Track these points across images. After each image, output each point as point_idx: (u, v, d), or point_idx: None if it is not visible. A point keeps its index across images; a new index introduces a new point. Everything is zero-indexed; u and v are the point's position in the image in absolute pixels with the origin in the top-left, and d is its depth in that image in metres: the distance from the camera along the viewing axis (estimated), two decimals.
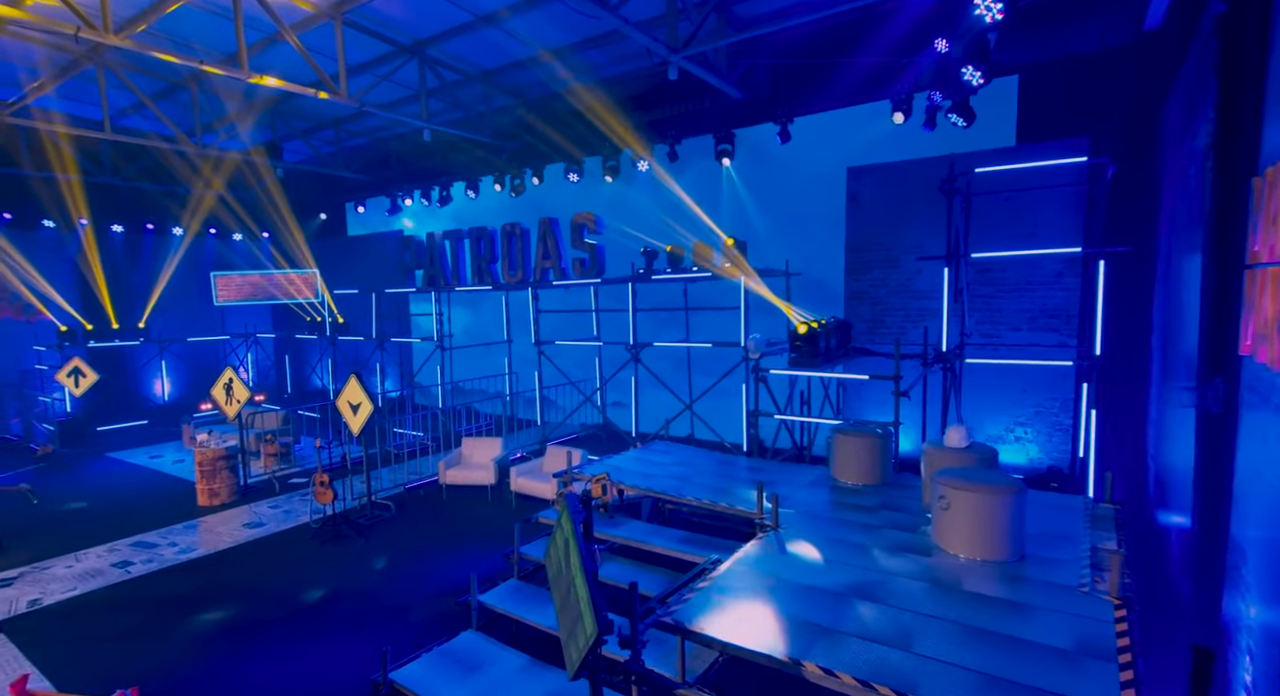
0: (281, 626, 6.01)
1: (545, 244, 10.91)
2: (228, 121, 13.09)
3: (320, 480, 8.09)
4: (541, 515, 5.94)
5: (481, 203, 13.59)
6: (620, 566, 5.56)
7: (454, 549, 7.69)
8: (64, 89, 11.63)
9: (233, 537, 8.19)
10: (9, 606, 6.49)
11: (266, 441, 11.03)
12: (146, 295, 15.76)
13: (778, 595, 3.87)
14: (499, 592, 5.54)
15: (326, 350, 15.87)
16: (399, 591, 6.66)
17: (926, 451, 5.14)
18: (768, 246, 9.99)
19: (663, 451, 7.21)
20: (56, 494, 10.26)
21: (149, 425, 15.18)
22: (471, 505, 9.14)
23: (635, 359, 9.99)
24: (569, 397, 12.16)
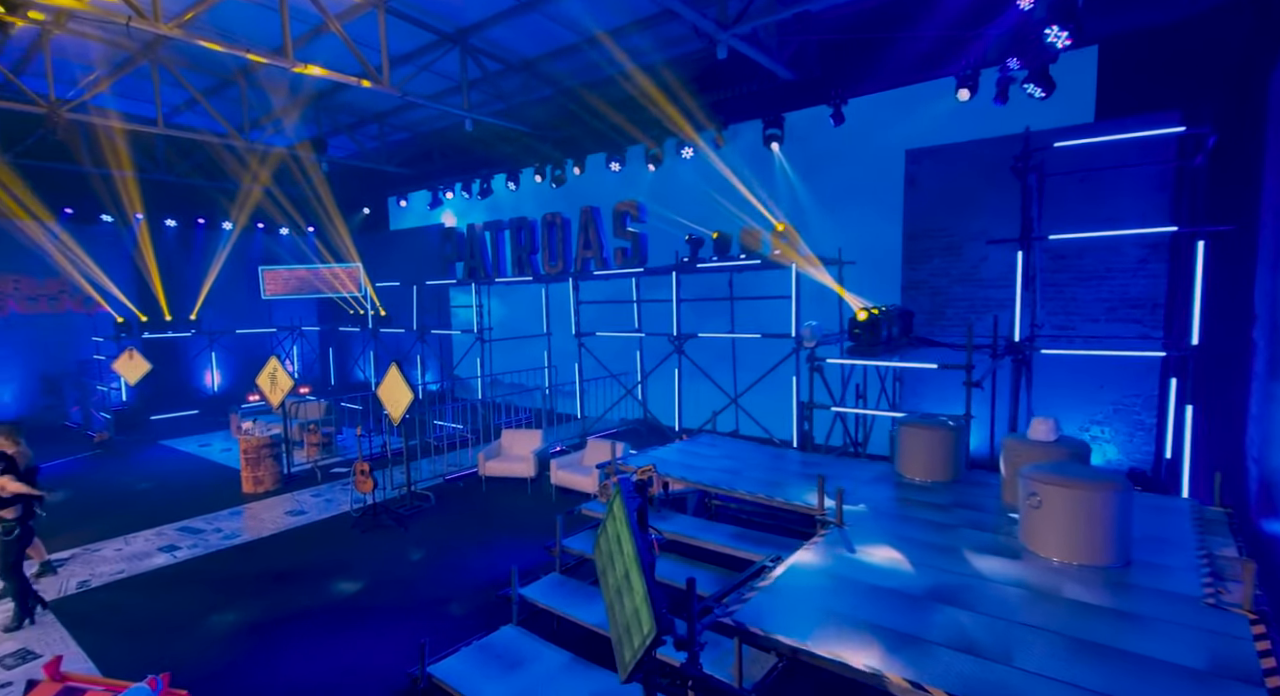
0: (320, 615, 5.89)
1: (586, 233, 10.68)
2: (274, 116, 13.25)
3: (361, 469, 8.00)
4: (584, 507, 5.67)
5: (522, 194, 13.46)
6: (668, 562, 5.24)
7: (493, 541, 7.50)
8: (120, 87, 11.94)
9: (275, 524, 8.18)
10: (60, 586, 6.55)
11: (309, 431, 11.09)
12: (197, 288, 16.15)
13: (848, 597, 3.50)
14: (540, 586, 5.29)
15: (368, 343, 15.99)
16: (438, 582, 6.49)
17: (1008, 445, 4.68)
18: (819, 234, 9.55)
19: (709, 444, 6.88)
20: (110, 479, 10.49)
21: (199, 415, 15.53)
22: (511, 497, 8.95)
23: (679, 351, 9.67)
24: (609, 391, 11.92)
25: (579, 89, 11.96)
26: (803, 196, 9.85)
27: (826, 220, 9.74)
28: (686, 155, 11.01)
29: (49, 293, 14.54)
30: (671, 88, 10.68)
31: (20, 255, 13.91)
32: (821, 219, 9.73)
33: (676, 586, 4.73)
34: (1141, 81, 7.33)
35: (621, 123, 11.74)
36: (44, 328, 14.46)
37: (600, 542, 3.21)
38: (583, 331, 11.09)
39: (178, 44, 10.56)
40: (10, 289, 14.03)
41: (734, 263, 8.83)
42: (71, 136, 13.47)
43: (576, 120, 12.30)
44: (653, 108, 11.25)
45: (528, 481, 9.20)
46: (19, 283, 14.15)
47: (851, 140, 9.52)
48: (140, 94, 12.28)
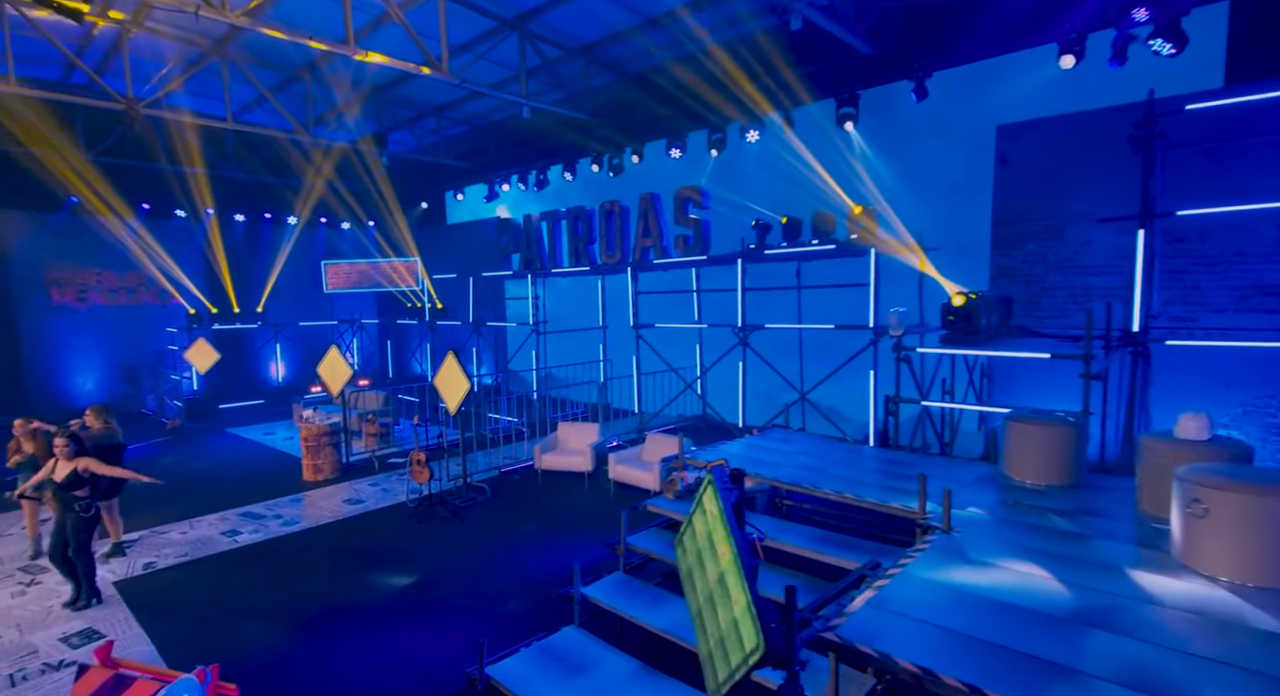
0: (375, 607, 5.69)
1: (646, 221, 10.31)
2: (337, 112, 13.42)
3: (417, 459, 7.85)
4: (649, 503, 5.28)
5: (579, 184, 13.20)
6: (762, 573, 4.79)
7: (550, 536, 7.20)
8: (192, 85, 12.26)
9: (333, 513, 8.11)
10: (127, 567, 6.59)
11: (368, 421, 11.11)
12: (263, 281, 16.59)
13: (972, 615, 2.98)
14: (604, 586, 4.93)
15: (425, 335, 16.08)
16: (494, 577, 6.22)
17: (1149, 445, 4.03)
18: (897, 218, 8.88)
19: (781, 439, 6.38)
20: (180, 464, 10.74)
21: (265, 404, 15.93)
22: (567, 492, 8.66)
23: (743, 343, 9.17)
24: (666, 386, 11.51)
25: (639, 74, 11.63)
26: (880, 179, 9.19)
27: (905, 204, 9.04)
28: (752, 139, 10.49)
29: (128, 285, 15.17)
30: (736, 69, 10.20)
31: (103, 250, 14.55)
32: (900, 202, 9.04)
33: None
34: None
35: (683, 109, 11.33)
36: (123, 319, 15.09)
37: (685, 541, 2.80)
38: (641, 323, 10.70)
39: (246, 40, 10.78)
40: (93, 281, 14.69)
41: (806, 248, 8.27)
42: (148, 134, 13.99)
43: (636, 107, 11.95)
44: (716, 91, 10.78)
45: (584, 476, 8.88)
46: (101, 276, 14.80)
47: (934, 117, 8.83)
48: (211, 92, 12.59)
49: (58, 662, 4.92)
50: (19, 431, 6.67)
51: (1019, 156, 8.17)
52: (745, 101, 10.44)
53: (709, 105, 10.84)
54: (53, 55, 11.21)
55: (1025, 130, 8.09)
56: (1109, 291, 7.57)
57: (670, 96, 11.66)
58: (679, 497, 5.25)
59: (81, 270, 14.49)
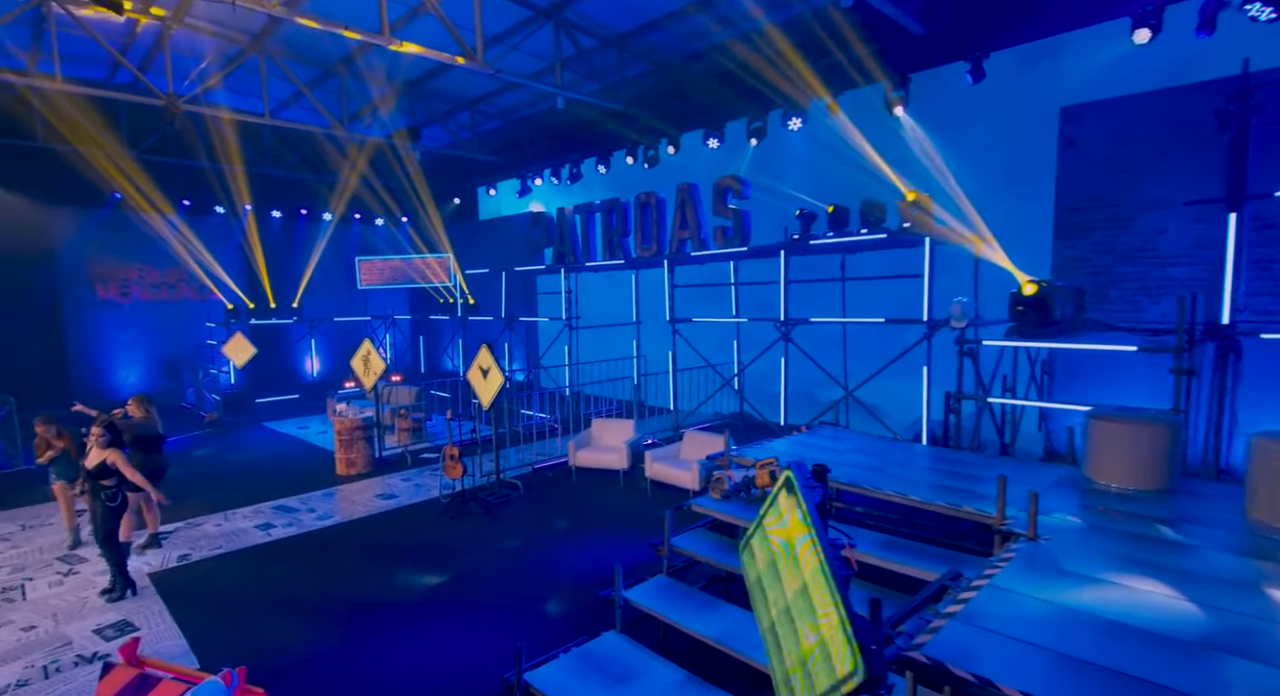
0: (407, 604, 5.50)
1: (683, 212, 10.00)
2: (372, 106, 13.41)
3: (450, 454, 7.68)
4: (694, 503, 4.98)
5: (613, 177, 12.96)
6: None
7: (586, 535, 6.95)
8: (231, 81, 12.39)
9: (366, 507, 7.99)
10: (162, 559, 6.54)
11: (400, 416, 11.03)
12: (299, 276, 16.72)
13: (1079, 636, 2.62)
14: (647, 590, 4.65)
15: (457, 331, 16.01)
16: (529, 576, 5.99)
17: (1261, 446, 3.59)
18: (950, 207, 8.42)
19: (832, 437, 6.02)
20: (217, 457, 10.80)
21: (300, 399, 16.05)
22: (602, 489, 8.41)
23: (785, 338, 8.80)
24: (701, 382, 11.18)
25: (675, 63, 11.33)
26: (932, 166, 8.73)
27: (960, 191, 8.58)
28: (794, 126, 10.11)
29: (169, 281, 15.41)
30: (777, 54, 9.83)
31: (145, 245, 14.80)
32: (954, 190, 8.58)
33: None
34: None
35: (720, 97, 11.01)
36: (164, 314, 15.33)
37: (754, 547, 2.50)
38: (677, 318, 10.38)
39: (284, 34, 10.78)
40: (136, 277, 14.96)
41: (854, 238, 7.86)
42: (188, 131, 14.18)
43: (672, 96, 11.67)
44: (756, 77, 10.42)
45: (620, 473, 8.62)
46: (143, 271, 15.06)
47: (990, 99, 8.35)
48: (249, 89, 12.70)
49: (91, 655, 4.83)
50: (42, 431, 6.64)
51: (1086, 139, 7.66)
52: (787, 88, 10.06)
53: (749, 93, 10.49)
54: (98, 54, 11.38)
55: (1093, 111, 7.58)
56: (1187, 283, 7.03)
57: (708, 85, 11.34)
58: (726, 498, 4.94)
59: (124, 265, 14.76)
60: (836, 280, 9.49)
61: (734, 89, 10.65)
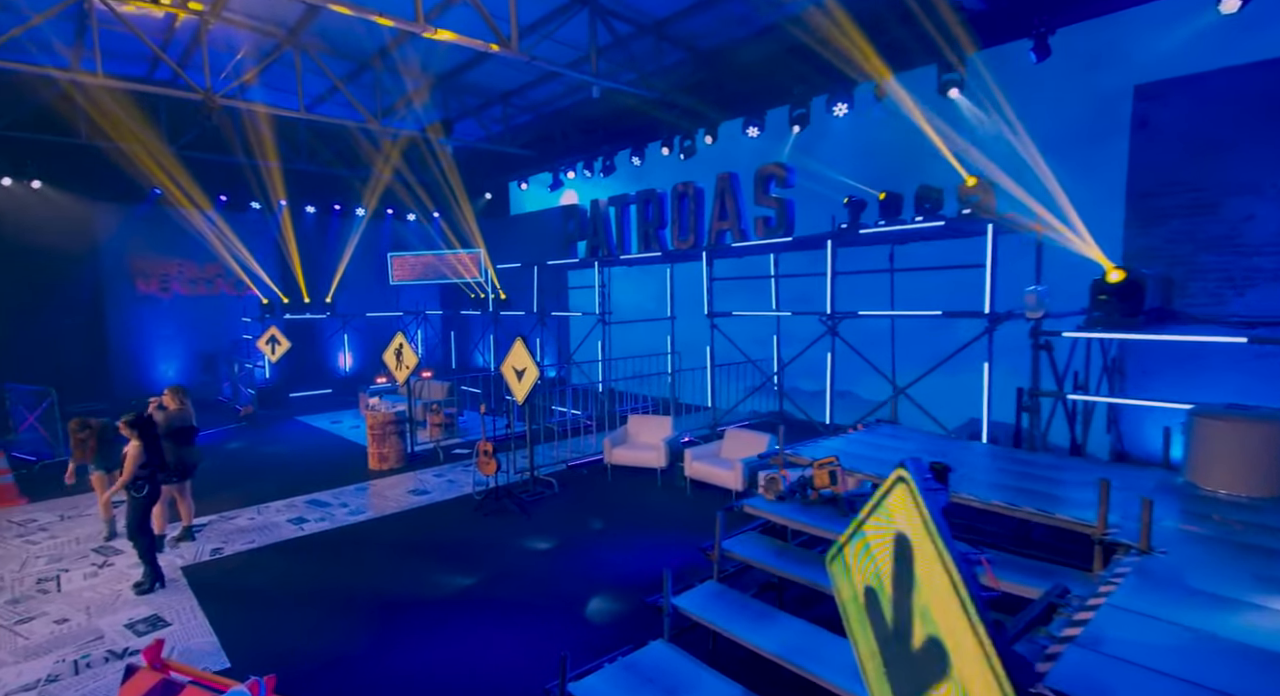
0: (440, 604, 5.27)
1: (722, 202, 9.65)
2: (406, 100, 13.32)
3: (484, 449, 7.46)
4: (747, 504, 4.64)
5: (647, 169, 12.67)
6: None
7: (624, 535, 6.66)
8: (267, 77, 12.41)
9: (398, 503, 7.82)
10: (195, 552, 6.43)
11: (432, 411, 10.89)
12: (332, 272, 16.78)
13: (1233, 669, 2.23)
14: (697, 597, 4.33)
15: (488, 327, 15.88)
16: (567, 578, 5.71)
17: None
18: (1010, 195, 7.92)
19: (890, 435, 5.63)
20: (251, 450, 10.79)
21: (332, 393, 16.12)
22: (639, 488, 8.11)
23: (832, 332, 8.39)
24: (737, 379, 10.82)
25: (713, 50, 10.97)
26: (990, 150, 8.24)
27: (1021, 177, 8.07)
28: (840, 112, 9.69)
29: (207, 276, 15.57)
30: (823, 37, 9.42)
31: (183, 241, 14.96)
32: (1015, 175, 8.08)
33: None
34: None
35: (761, 84, 10.63)
36: (202, 309, 15.50)
37: (848, 559, 2.16)
38: (716, 311, 10.01)
39: (319, 28, 10.73)
40: (175, 272, 15.14)
41: (909, 226, 7.43)
42: (225, 127, 14.28)
43: (709, 84, 11.31)
44: (799, 62, 10.02)
45: (658, 472, 8.31)
46: (182, 266, 15.24)
47: (1054, 78, 7.84)
48: (285, 86, 12.72)
49: (121, 650, 4.69)
50: (77, 434, 6.60)
51: (1162, 120, 7.10)
52: (832, 72, 9.64)
53: (793, 78, 10.10)
54: (137, 51, 11.48)
55: (1171, 89, 7.02)
56: (1277, 273, 6.45)
57: (748, 71, 10.97)
58: (780, 499, 4.59)
59: (164, 261, 14.94)
60: (883, 271, 9.05)
61: (776, 75, 10.26)
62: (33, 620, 5.14)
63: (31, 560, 6.31)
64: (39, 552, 6.49)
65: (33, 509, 7.80)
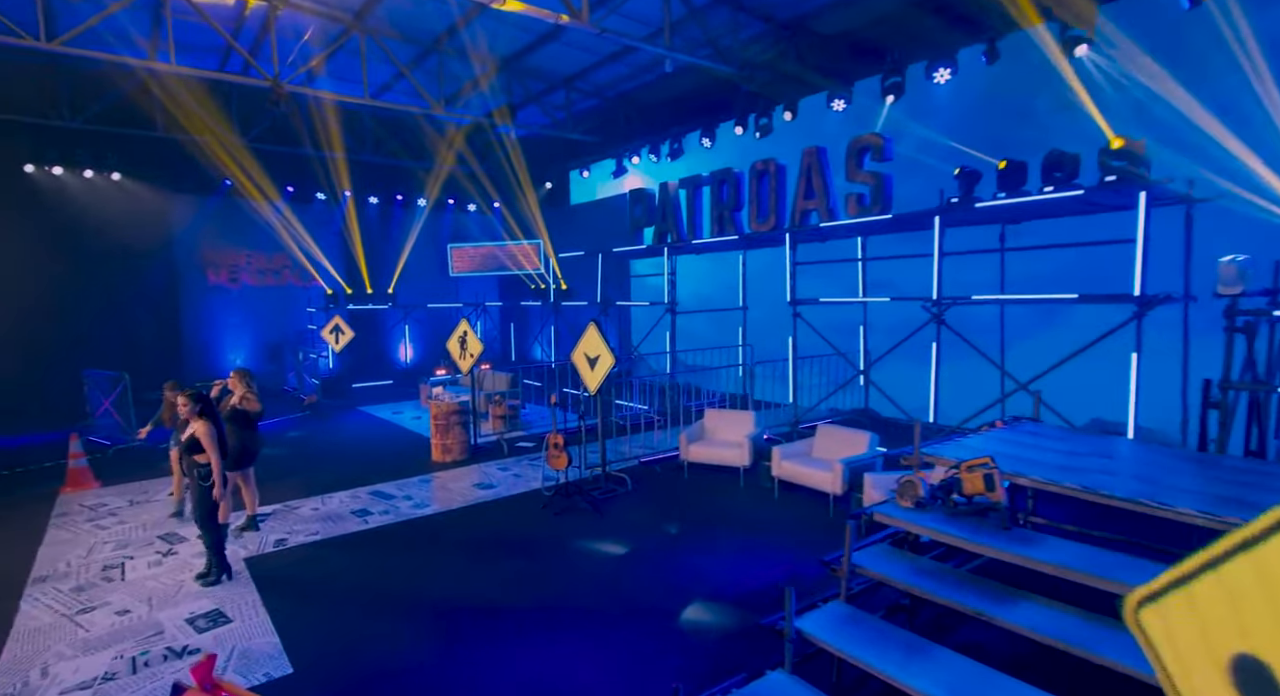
0: (515, 611, 4.74)
1: (809, 179, 8.86)
2: (470, 86, 13.04)
3: (555, 442, 6.93)
4: (879, 512, 3.92)
5: (719, 151, 11.97)
6: (1050, 612, 3.32)
7: (709, 540, 6.00)
8: (332, 66, 12.32)
9: (464, 497, 7.39)
10: (259, 542, 6.13)
11: (495, 403, 10.50)
12: (394, 263, 16.74)
13: None
14: (824, 620, 3.63)
15: (548, 318, 15.48)
16: (651, 587, 5.10)
17: None
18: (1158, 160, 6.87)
19: (1031, 433, 4.78)
20: (315, 439, 10.64)
21: (393, 384, 16.06)
22: (721, 489, 7.44)
23: (937, 320, 7.51)
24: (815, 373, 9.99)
25: (793, 21, 10.19)
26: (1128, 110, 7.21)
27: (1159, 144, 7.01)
28: (941, 79, 8.79)
29: (274, 267, 15.73)
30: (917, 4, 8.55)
31: (252, 231, 15.13)
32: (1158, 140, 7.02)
33: (1087, 657, 2.83)
34: None
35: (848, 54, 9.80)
36: (269, 299, 15.66)
37: (1180, 609, 1.44)
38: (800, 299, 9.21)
39: (384, 12, 10.52)
40: (243, 263, 15.33)
41: (1037, 197, 6.48)
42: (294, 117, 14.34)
43: (790, 57, 10.51)
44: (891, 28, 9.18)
45: (740, 471, 7.61)
46: (251, 257, 15.42)
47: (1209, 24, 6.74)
48: (350, 75, 12.62)
49: (180, 648, 4.34)
50: (169, 393, 6.53)
51: None
52: (932, 37, 8.76)
53: (886, 43, 9.25)
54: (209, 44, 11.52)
55: None
56: None
57: (832, 41, 10.15)
58: (920, 507, 3.85)
59: (233, 251, 15.14)
60: (990, 251, 8.10)
61: (866, 43, 9.43)
62: (94, 610, 4.88)
63: (99, 546, 6.13)
64: (107, 538, 6.32)
65: (105, 493, 7.73)
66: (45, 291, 12.42)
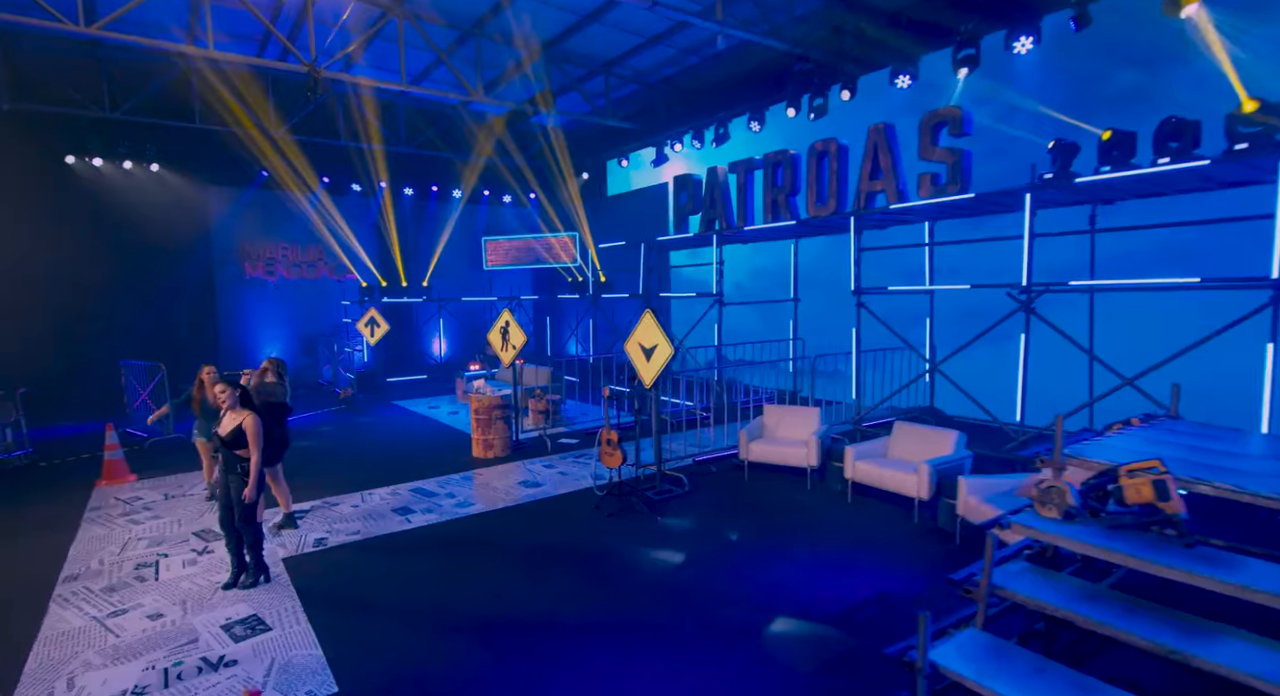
0: (576, 633, 4.25)
1: (875, 159, 8.24)
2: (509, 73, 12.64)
3: (608, 439, 6.44)
4: (1018, 522, 3.31)
5: (768, 135, 11.37)
6: (1258, 650, 2.72)
7: (783, 548, 5.44)
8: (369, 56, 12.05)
9: (509, 496, 6.94)
10: (298, 541, 5.75)
11: (535, 397, 10.06)
12: (428, 256, 16.45)
13: None
14: (960, 650, 3.06)
15: (587, 311, 15.01)
16: (729, 602, 4.57)
17: None
18: None
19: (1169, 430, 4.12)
20: (353, 433, 10.32)
21: (428, 379, 15.77)
22: (787, 491, 6.87)
23: (1027, 309, 6.82)
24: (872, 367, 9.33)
25: None
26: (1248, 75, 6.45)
27: None
28: (1022, 49, 8.08)
29: (309, 260, 15.53)
30: None
31: (288, 223, 14.94)
32: None
33: None
34: None
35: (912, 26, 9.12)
36: (304, 293, 15.47)
37: None
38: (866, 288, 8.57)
39: None
40: (279, 256, 15.16)
41: (1152, 170, 5.78)
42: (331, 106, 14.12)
43: (848, 32, 9.88)
44: None
45: (806, 472, 7.03)
46: (287, 250, 15.25)
47: None
48: (387, 64, 12.34)
49: (217, 660, 3.94)
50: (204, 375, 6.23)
51: None
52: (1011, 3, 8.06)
53: (954, 15, 8.56)
54: (246, 32, 11.34)
55: None
56: None
57: (896, 14, 9.48)
58: (1069, 518, 3.25)
59: (269, 244, 14.98)
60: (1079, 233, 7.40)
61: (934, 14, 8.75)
62: (126, 613, 4.52)
63: (133, 542, 5.81)
64: (141, 534, 6.00)
65: (140, 486, 7.46)
66: (83, 282, 12.34)
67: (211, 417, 5.86)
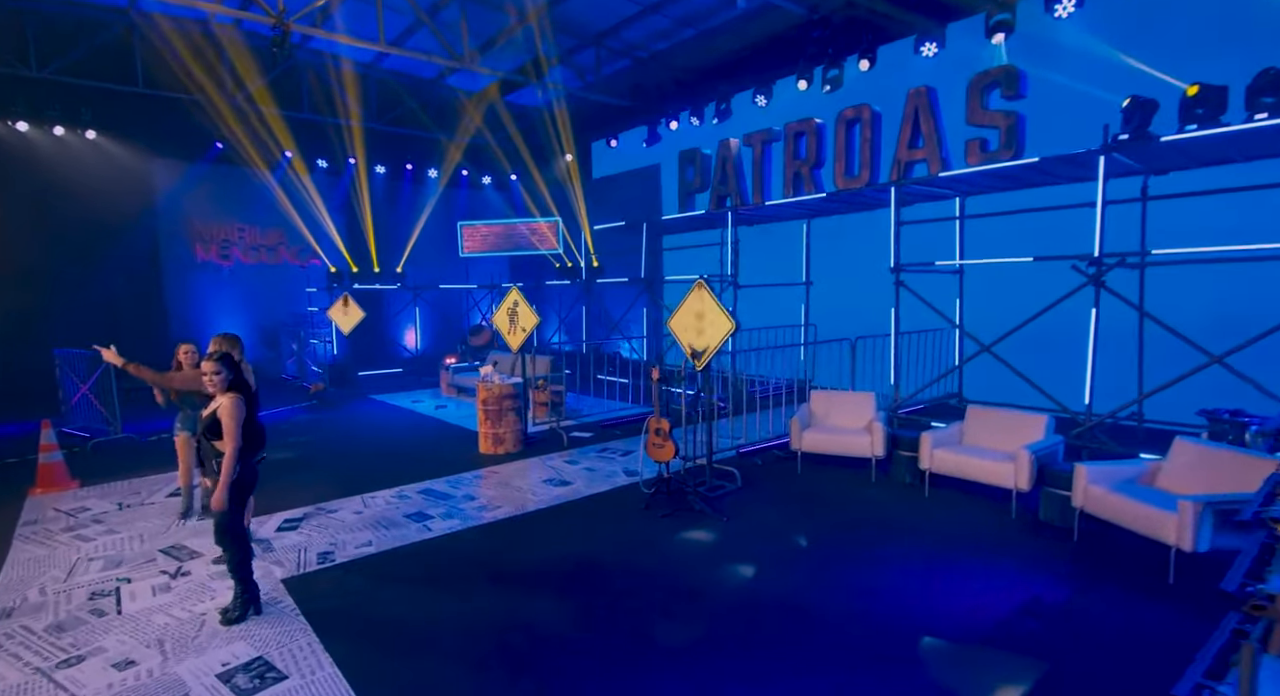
0: (668, 666, 3.47)
1: (915, 124, 7.67)
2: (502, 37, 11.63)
3: (658, 428, 5.65)
4: None
5: (774, 110, 10.70)
6: None
7: (874, 553, 4.76)
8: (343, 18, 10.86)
9: (537, 497, 6.07)
10: (298, 558, 4.75)
11: (538, 388, 9.17)
12: (403, 240, 15.27)
13: None
14: None
15: (577, 299, 14.11)
16: (841, 621, 3.85)
17: None
18: None
19: None
20: (333, 431, 9.20)
21: (403, 373, 14.61)
22: (848, 484, 6.22)
23: (1096, 283, 6.32)
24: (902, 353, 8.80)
25: None
26: None
27: None
28: (1063, 12, 7.65)
29: (269, 243, 14.17)
30: None
31: (246, 202, 13.58)
32: None
33: None
34: None
35: None
36: (264, 279, 14.11)
37: None
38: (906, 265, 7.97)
39: None
40: (235, 237, 13.76)
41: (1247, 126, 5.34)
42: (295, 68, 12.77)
43: None
44: None
45: (870, 463, 6.39)
46: (244, 232, 13.86)
47: None
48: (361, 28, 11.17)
49: None
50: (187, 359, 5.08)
51: None
52: None
53: None
54: None
55: None
56: None
57: None
58: None
59: (225, 225, 13.56)
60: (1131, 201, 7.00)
61: None
62: (84, 661, 3.48)
63: (83, 564, 4.71)
64: (93, 553, 4.89)
65: (86, 495, 6.27)
66: (9, 259, 10.78)
67: (195, 406, 4.82)
